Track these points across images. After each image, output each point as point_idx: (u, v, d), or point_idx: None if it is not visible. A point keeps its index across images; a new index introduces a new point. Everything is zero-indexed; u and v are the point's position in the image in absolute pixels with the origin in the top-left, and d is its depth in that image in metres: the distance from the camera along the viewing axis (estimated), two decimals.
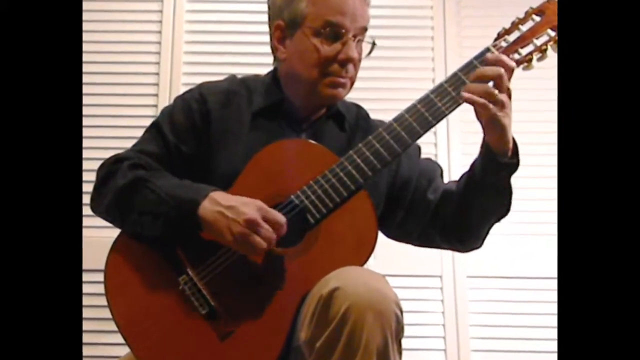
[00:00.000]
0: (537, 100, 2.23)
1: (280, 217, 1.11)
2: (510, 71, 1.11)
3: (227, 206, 1.11)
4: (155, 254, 1.18)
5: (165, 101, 2.30)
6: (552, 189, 2.04)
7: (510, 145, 1.15)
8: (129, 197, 1.18)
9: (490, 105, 1.09)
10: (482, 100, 1.09)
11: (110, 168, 1.23)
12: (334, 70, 1.23)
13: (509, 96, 1.11)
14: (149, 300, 1.16)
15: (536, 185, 2.18)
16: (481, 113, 1.11)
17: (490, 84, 1.11)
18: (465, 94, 1.11)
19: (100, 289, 1.17)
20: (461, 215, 1.25)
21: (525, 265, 2.22)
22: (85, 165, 1.27)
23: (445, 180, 1.37)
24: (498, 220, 1.25)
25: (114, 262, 1.19)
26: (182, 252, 1.17)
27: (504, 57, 1.12)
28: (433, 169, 1.36)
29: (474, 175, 1.21)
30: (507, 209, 1.23)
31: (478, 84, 1.10)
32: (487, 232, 1.27)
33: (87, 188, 1.22)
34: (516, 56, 1.16)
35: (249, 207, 1.10)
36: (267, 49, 1.34)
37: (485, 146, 1.17)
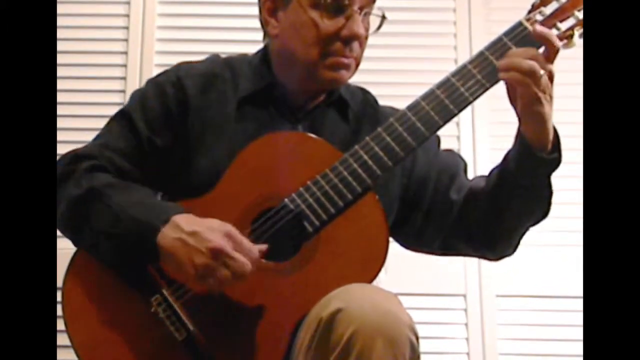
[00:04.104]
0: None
1: (253, 252, 1.09)
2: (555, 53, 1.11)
3: (189, 232, 1.09)
4: (122, 269, 1.17)
5: (134, 86, 2.29)
6: None
7: (551, 137, 1.15)
8: (81, 210, 1.17)
9: (533, 86, 1.09)
10: (527, 80, 1.09)
11: (65, 169, 1.22)
12: (336, 49, 1.22)
13: (551, 80, 1.12)
14: (115, 325, 1.16)
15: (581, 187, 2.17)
16: (520, 95, 1.11)
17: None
18: (504, 74, 1.11)
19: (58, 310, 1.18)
20: (491, 218, 1.25)
21: (567, 281, 2.20)
22: None
23: (470, 176, 1.38)
24: (536, 223, 1.26)
25: (73, 279, 1.19)
26: (154, 267, 1.16)
27: (549, 33, 1.11)
28: (455, 164, 1.36)
29: (507, 171, 1.21)
30: (547, 211, 1.24)
31: (522, 60, 1.10)
32: (522, 237, 1.28)
33: None
34: (554, 32, 1.16)
35: (214, 233, 1.09)
36: (256, 22, 1.34)
37: (520, 137, 1.17)
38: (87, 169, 1.21)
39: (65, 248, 1.21)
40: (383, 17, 1.27)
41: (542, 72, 1.09)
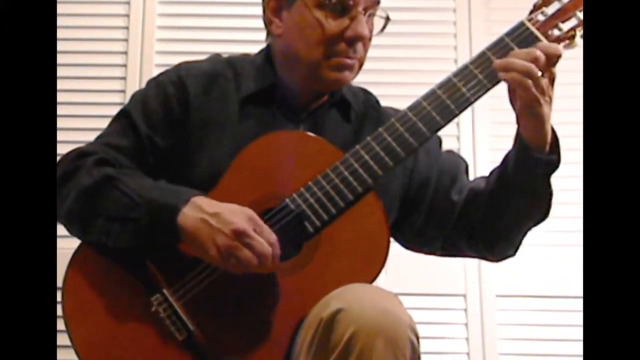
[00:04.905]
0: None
1: (272, 236, 1.11)
2: (557, 58, 1.11)
3: (211, 213, 1.10)
4: (123, 269, 1.18)
5: (134, 85, 2.29)
6: None
7: (549, 138, 1.15)
8: (95, 199, 1.17)
9: (532, 88, 1.09)
10: (524, 80, 1.08)
11: (71, 165, 1.22)
12: (340, 50, 1.22)
13: (552, 81, 1.12)
14: (116, 324, 1.16)
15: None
16: (518, 96, 1.12)
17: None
18: (502, 74, 1.11)
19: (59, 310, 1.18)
20: (491, 219, 1.26)
21: (567, 281, 2.20)
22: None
23: (471, 177, 1.38)
24: (535, 225, 1.26)
25: (73, 278, 1.19)
26: (154, 266, 1.17)
27: (551, 45, 1.12)
28: (456, 165, 1.37)
29: (506, 172, 1.22)
30: (546, 213, 1.24)
31: (519, 61, 1.10)
32: (522, 239, 1.28)
33: None
34: (556, 32, 1.16)
35: (238, 215, 1.10)
36: (259, 22, 1.34)
37: (519, 138, 1.18)
38: (96, 162, 1.21)
39: (65, 248, 1.21)
40: (387, 19, 1.27)
41: (539, 73, 1.09)
